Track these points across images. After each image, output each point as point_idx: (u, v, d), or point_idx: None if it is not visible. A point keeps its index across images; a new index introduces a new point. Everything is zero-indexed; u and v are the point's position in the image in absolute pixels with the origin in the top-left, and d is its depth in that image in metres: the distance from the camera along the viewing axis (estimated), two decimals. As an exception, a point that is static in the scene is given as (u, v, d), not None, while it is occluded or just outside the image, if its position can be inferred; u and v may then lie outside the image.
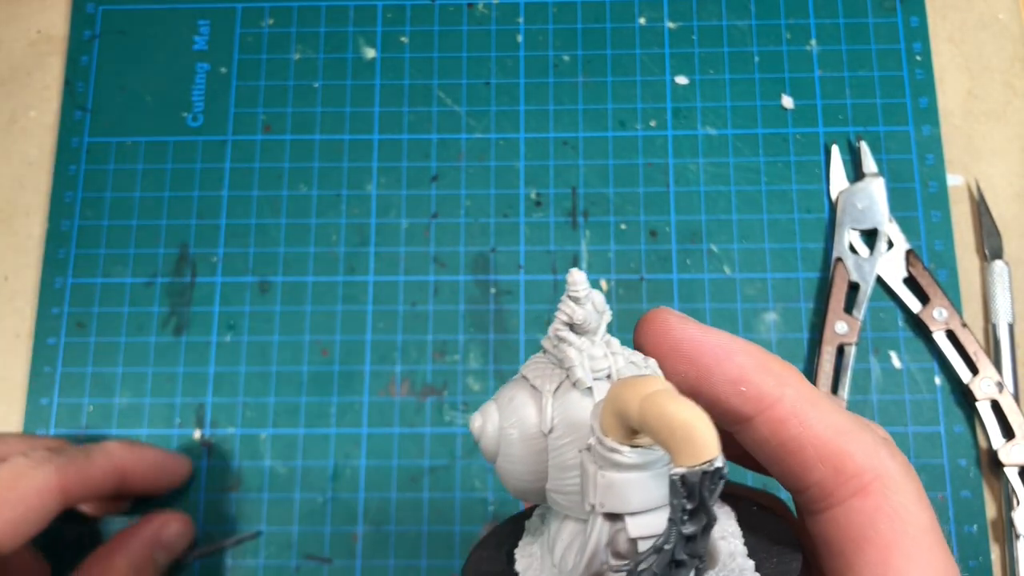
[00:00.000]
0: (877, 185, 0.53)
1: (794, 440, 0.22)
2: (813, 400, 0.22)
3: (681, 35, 0.57)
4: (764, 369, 0.22)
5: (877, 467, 0.21)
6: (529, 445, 0.23)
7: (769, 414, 0.22)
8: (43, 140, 0.57)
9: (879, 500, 0.21)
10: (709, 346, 0.23)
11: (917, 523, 0.21)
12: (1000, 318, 0.51)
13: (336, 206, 0.55)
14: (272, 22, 0.59)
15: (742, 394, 0.22)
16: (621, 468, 0.21)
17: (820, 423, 0.22)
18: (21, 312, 0.54)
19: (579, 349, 0.23)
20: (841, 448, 0.22)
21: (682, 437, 0.18)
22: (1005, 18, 0.57)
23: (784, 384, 0.22)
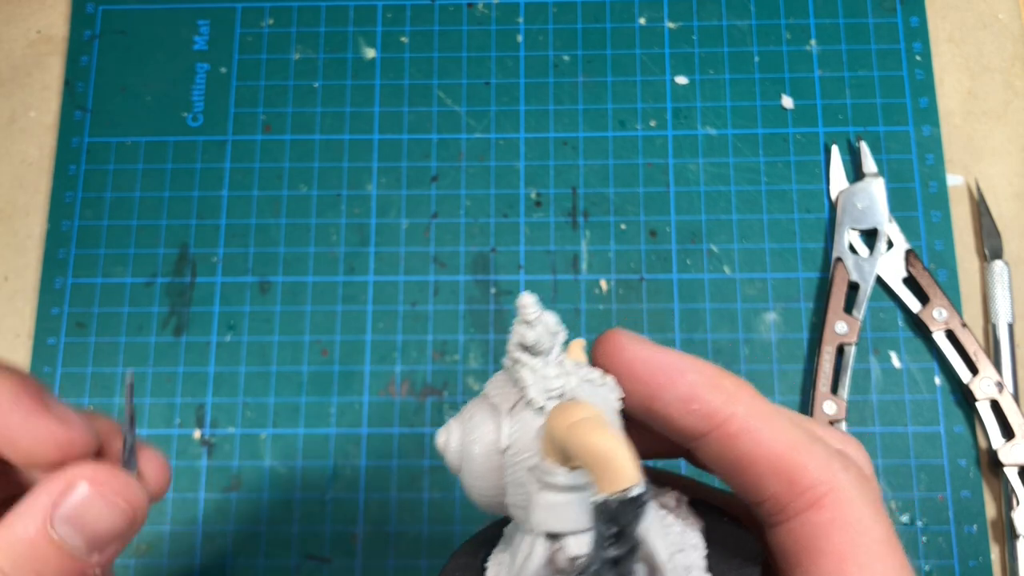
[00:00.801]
0: (877, 185, 0.53)
1: (747, 456, 0.22)
2: (765, 416, 0.22)
3: (681, 35, 0.57)
4: (715, 387, 0.23)
5: (830, 480, 0.22)
6: (488, 461, 0.24)
7: (721, 431, 0.22)
8: (43, 140, 0.57)
9: (832, 513, 0.21)
10: (660, 365, 0.23)
11: (871, 534, 0.21)
12: (1000, 318, 0.51)
13: (336, 206, 0.55)
14: (272, 22, 0.59)
15: (694, 412, 0.23)
16: (559, 489, 0.21)
17: (772, 438, 0.22)
18: (21, 312, 0.54)
19: (533, 370, 0.23)
20: (794, 462, 0.22)
21: (602, 465, 0.19)
22: (1005, 18, 0.58)
23: (735, 401, 0.23)
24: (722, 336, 0.52)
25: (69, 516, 0.24)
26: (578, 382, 0.23)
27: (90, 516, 0.24)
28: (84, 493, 0.24)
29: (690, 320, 0.52)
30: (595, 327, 0.52)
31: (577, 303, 0.53)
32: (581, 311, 0.53)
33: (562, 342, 0.24)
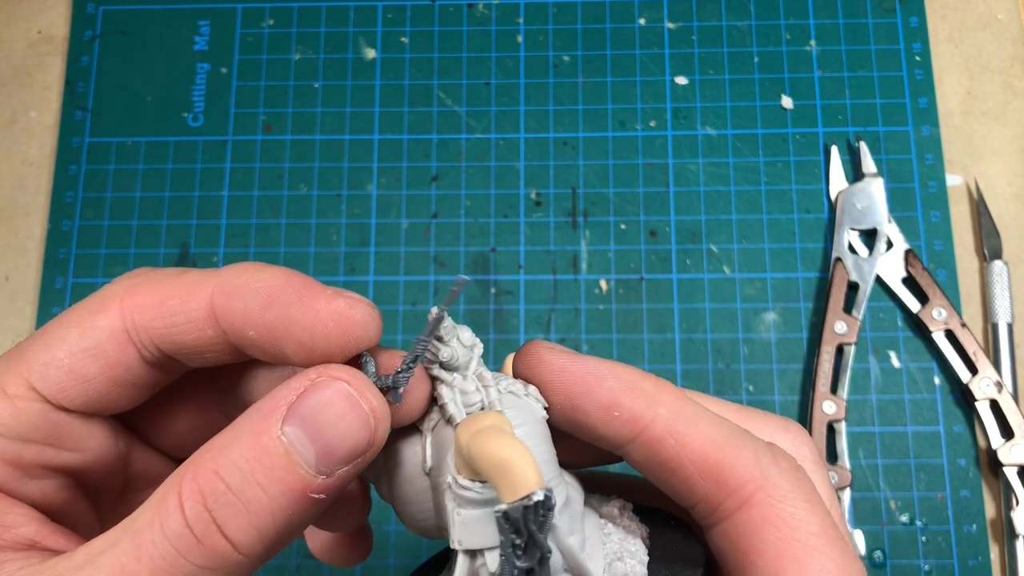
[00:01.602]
0: (876, 185, 0.53)
1: (673, 459, 0.22)
2: (689, 416, 0.22)
3: (681, 35, 0.58)
4: (635, 391, 0.22)
5: (758, 477, 0.21)
6: (415, 485, 0.23)
7: (645, 435, 0.22)
8: (44, 140, 0.57)
9: (764, 510, 0.21)
10: (579, 375, 0.23)
11: (806, 528, 0.21)
12: (999, 318, 0.51)
13: (336, 206, 0.55)
14: (272, 23, 0.59)
15: (616, 419, 0.22)
16: (473, 504, 0.21)
17: (697, 439, 0.22)
18: (22, 312, 0.54)
19: (450, 386, 0.23)
20: (720, 462, 0.21)
21: (501, 473, 0.19)
22: (1004, 18, 0.58)
23: (657, 404, 0.22)
24: (722, 336, 0.52)
25: (304, 416, 0.20)
26: (498, 394, 0.23)
27: (327, 423, 0.20)
28: (329, 395, 0.20)
29: (690, 320, 0.52)
30: (595, 327, 0.52)
31: (577, 303, 0.53)
32: (581, 311, 0.53)
33: (479, 355, 0.24)
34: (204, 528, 0.19)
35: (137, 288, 0.23)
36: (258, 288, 0.22)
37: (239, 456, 0.20)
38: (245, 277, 0.22)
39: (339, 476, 0.20)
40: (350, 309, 0.21)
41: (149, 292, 0.23)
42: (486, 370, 0.24)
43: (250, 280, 0.22)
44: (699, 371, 0.52)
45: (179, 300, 0.22)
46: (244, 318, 0.22)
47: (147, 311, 0.22)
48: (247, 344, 0.22)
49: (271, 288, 0.22)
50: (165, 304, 0.22)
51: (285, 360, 0.22)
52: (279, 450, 0.20)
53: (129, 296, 0.22)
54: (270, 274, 0.22)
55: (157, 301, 0.22)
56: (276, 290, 0.22)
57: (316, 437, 0.20)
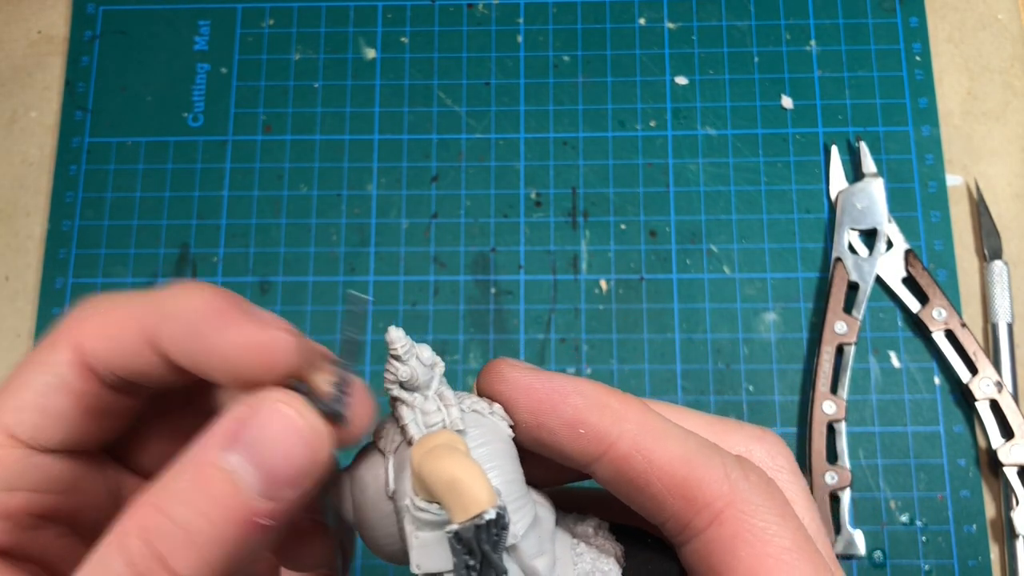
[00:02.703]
0: (876, 185, 0.53)
1: (640, 476, 0.21)
2: (656, 432, 0.21)
3: (681, 35, 0.58)
4: (600, 407, 0.22)
5: (728, 493, 0.21)
6: (378, 509, 0.22)
7: (612, 452, 0.21)
8: (44, 140, 0.57)
9: (735, 527, 0.20)
10: (544, 392, 0.22)
11: (778, 543, 0.20)
12: (999, 318, 0.51)
13: (336, 206, 0.55)
14: (272, 22, 0.59)
15: (581, 436, 0.22)
16: (431, 527, 0.20)
17: (664, 455, 0.21)
18: (22, 312, 0.54)
19: (411, 406, 0.22)
20: (688, 478, 0.21)
21: (451, 492, 0.18)
22: (1004, 18, 0.58)
23: (623, 420, 0.22)
24: (722, 336, 0.52)
25: (245, 441, 0.20)
26: (460, 413, 0.22)
27: (268, 446, 0.20)
28: (266, 418, 0.20)
29: (690, 320, 0.52)
30: (595, 327, 0.52)
31: (577, 303, 0.53)
32: (581, 311, 0.53)
33: (440, 373, 0.23)
34: (148, 564, 0.19)
35: (86, 318, 0.22)
36: (181, 315, 0.21)
37: (181, 489, 0.19)
38: (173, 303, 0.22)
39: (285, 500, 0.20)
40: (260, 334, 0.21)
41: (96, 321, 0.22)
42: (448, 389, 0.23)
43: (176, 306, 0.21)
44: (699, 371, 0.52)
45: (119, 327, 0.22)
46: (173, 346, 0.21)
47: (96, 340, 0.22)
48: (188, 369, 0.22)
49: (192, 315, 0.21)
50: (109, 332, 0.22)
51: (222, 384, 0.22)
52: (221, 477, 0.19)
53: (78, 327, 0.22)
54: (195, 299, 0.21)
55: (103, 330, 0.22)
56: (196, 317, 0.21)
57: (258, 462, 0.20)
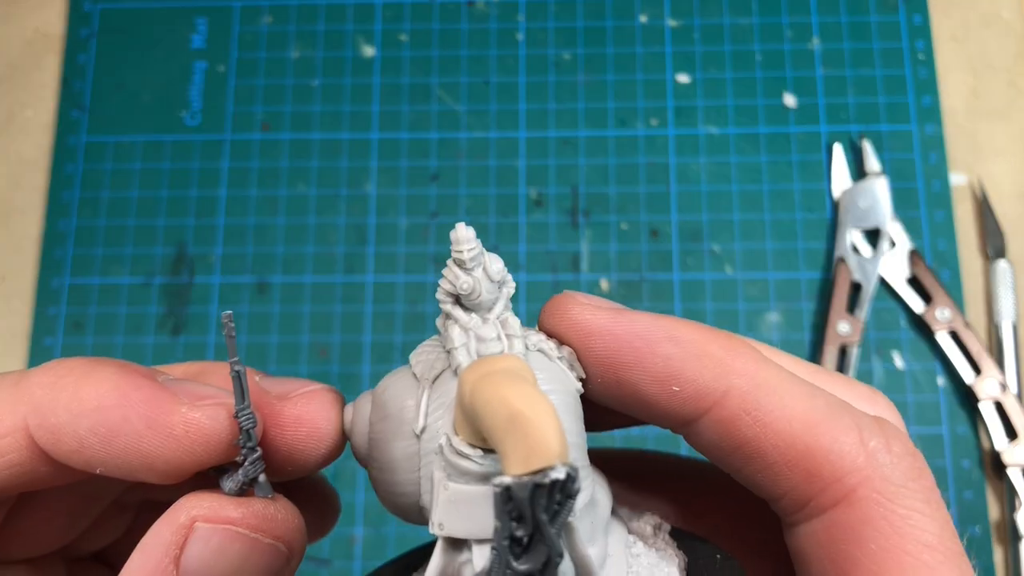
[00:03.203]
0: (880, 184, 0.53)
1: (750, 443, 0.17)
2: (772, 388, 0.17)
3: (682, 33, 0.57)
4: (700, 358, 0.17)
5: (864, 467, 0.16)
6: (398, 448, 0.18)
7: (714, 414, 0.17)
8: (40, 139, 0.57)
9: (868, 510, 0.16)
10: (625, 339, 0.18)
11: (919, 537, 0.16)
12: (1003, 318, 0.51)
13: (335, 205, 0.55)
14: (270, 20, 0.58)
15: (675, 395, 0.17)
16: (469, 478, 0.16)
17: (782, 417, 0.17)
18: (18, 312, 0.54)
19: (465, 328, 0.18)
20: (813, 447, 0.17)
21: (511, 433, 0.14)
22: (1008, 16, 0.57)
23: (729, 373, 0.17)
24: (723, 336, 0.52)
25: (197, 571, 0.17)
26: (525, 350, 0.18)
27: (223, 566, 0.17)
28: (218, 543, 0.17)
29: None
30: (596, 327, 0.52)
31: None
32: (581, 311, 0.52)
33: (509, 296, 0.19)
34: None
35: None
36: (88, 418, 0.17)
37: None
38: (65, 399, 0.17)
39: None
40: (211, 422, 0.18)
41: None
42: (514, 316, 0.19)
43: (73, 405, 0.17)
44: (701, 372, 0.51)
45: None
46: (81, 457, 0.17)
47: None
48: (82, 470, 0.18)
49: (105, 415, 0.17)
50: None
51: (128, 479, 0.18)
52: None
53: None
54: (97, 390, 0.17)
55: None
56: (113, 417, 0.17)
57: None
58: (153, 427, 0.17)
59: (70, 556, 0.21)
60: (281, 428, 0.19)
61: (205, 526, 0.17)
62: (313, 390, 0.20)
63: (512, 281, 0.19)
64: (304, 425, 0.19)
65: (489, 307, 0.18)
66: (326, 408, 0.19)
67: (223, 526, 0.17)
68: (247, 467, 0.18)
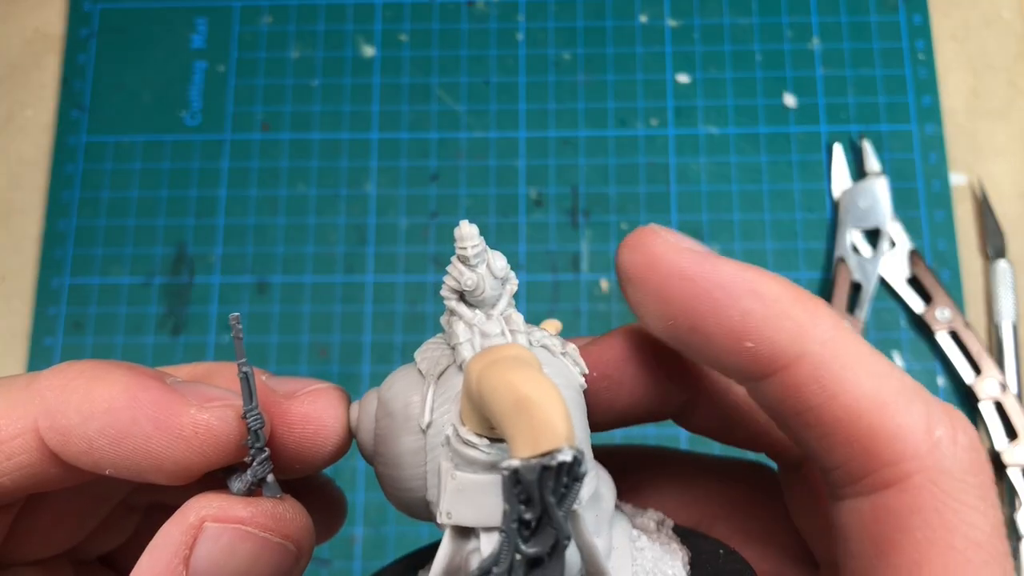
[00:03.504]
0: (880, 184, 0.53)
1: (814, 411, 0.17)
2: (847, 360, 0.17)
3: (682, 33, 0.57)
4: (779, 319, 0.17)
5: (926, 456, 0.16)
6: (404, 443, 0.18)
7: (783, 377, 0.17)
8: (40, 139, 0.57)
9: (921, 498, 0.16)
10: (705, 287, 0.17)
11: (968, 533, 0.16)
12: (1003, 318, 0.51)
13: (335, 205, 0.55)
14: (270, 20, 0.58)
15: (748, 351, 0.17)
16: (476, 467, 0.16)
17: (853, 392, 0.16)
18: (18, 312, 0.54)
19: (469, 324, 0.18)
20: (877, 427, 0.16)
21: (519, 417, 0.14)
22: (1008, 16, 0.57)
23: (806, 339, 0.17)
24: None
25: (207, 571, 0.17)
26: (529, 346, 0.18)
27: (233, 566, 0.17)
28: (227, 543, 0.17)
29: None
30: (595, 327, 0.52)
31: (577, 303, 0.52)
32: (581, 311, 0.52)
33: (512, 292, 0.19)
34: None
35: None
36: (98, 420, 0.17)
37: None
38: (76, 402, 0.17)
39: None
40: (219, 423, 0.18)
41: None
42: (517, 312, 0.19)
43: (84, 407, 0.17)
44: (701, 372, 0.51)
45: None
46: (91, 459, 0.17)
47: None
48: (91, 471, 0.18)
49: (115, 417, 0.17)
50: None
51: (139, 481, 0.18)
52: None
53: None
54: (107, 392, 0.17)
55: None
56: (122, 418, 0.17)
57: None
58: (162, 428, 0.17)
59: (77, 559, 0.21)
60: (289, 426, 0.19)
61: (214, 526, 0.17)
62: (319, 388, 0.20)
63: (515, 278, 0.19)
64: (311, 423, 0.19)
65: (493, 303, 0.19)
66: (332, 405, 0.20)
67: (233, 525, 0.17)
68: (255, 467, 0.18)
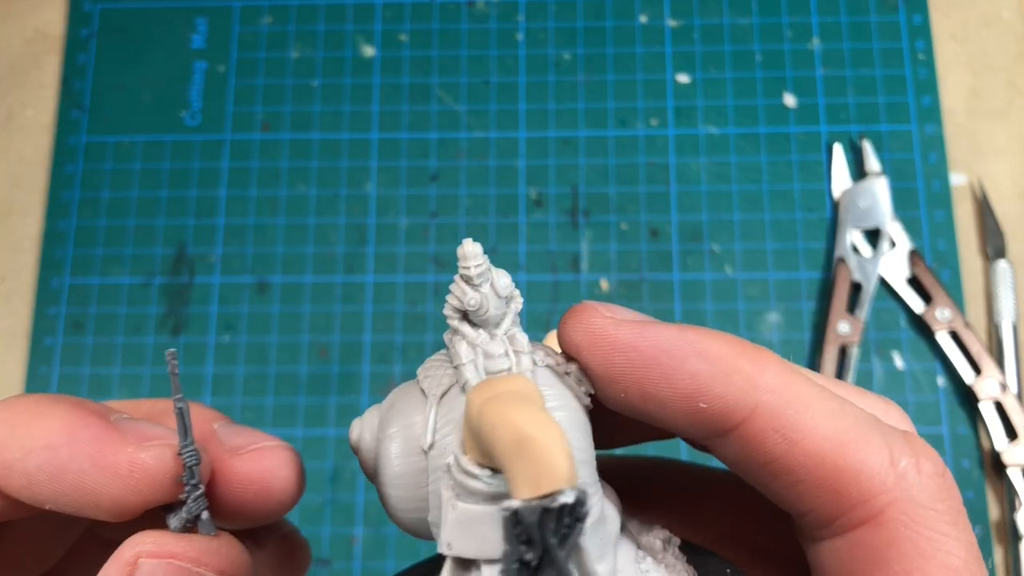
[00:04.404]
0: (880, 184, 0.53)
1: (778, 460, 0.17)
2: (801, 404, 0.17)
3: (682, 33, 0.57)
4: (727, 374, 0.17)
5: (893, 488, 0.16)
6: (408, 463, 0.18)
7: (742, 431, 0.17)
8: (40, 139, 0.57)
9: (895, 532, 0.16)
10: (651, 354, 0.17)
11: (944, 560, 0.16)
12: (1003, 318, 0.51)
13: (335, 205, 0.55)
14: (270, 20, 0.58)
15: (702, 411, 0.17)
16: (478, 498, 0.16)
17: (811, 435, 0.17)
18: (18, 312, 0.54)
19: (472, 344, 0.18)
20: (841, 466, 0.17)
21: (519, 457, 0.14)
22: (1008, 16, 0.57)
23: (757, 389, 0.17)
24: (723, 336, 0.52)
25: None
26: (532, 366, 0.18)
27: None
28: (152, 573, 0.17)
29: (691, 321, 0.52)
30: (596, 327, 0.52)
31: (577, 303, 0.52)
32: (581, 311, 0.52)
33: (517, 311, 0.19)
34: None
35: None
36: (37, 456, 0.18)
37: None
38: (19, 437, 0.18)
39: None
40: (155, 462, 0.18)
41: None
42: (521, 332, 0.19)
43: (24, 443, 0.18)
44: (701, 372, 0.51)
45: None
46: (31, 493, 0.18)
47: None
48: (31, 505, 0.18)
49: (54, 453, 0.18)
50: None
51: (78, 515, 0.19)
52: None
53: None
54: (48, 428, 0.18)
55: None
56: (61, 455, 0.18)
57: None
58: (99, 466, 0.18)
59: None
60: (229, 484, 0.20)
61: (149, 561, 0.17)
62: (267, 447, 0.20)
63: (520, 296, 0.19)
64: (254, 483, 0.20)
65: (497, 323, 0.18)
66: (277, 467, 0.20)
67: (166, 560, 0.17)
68: (190, 504, 0.19)
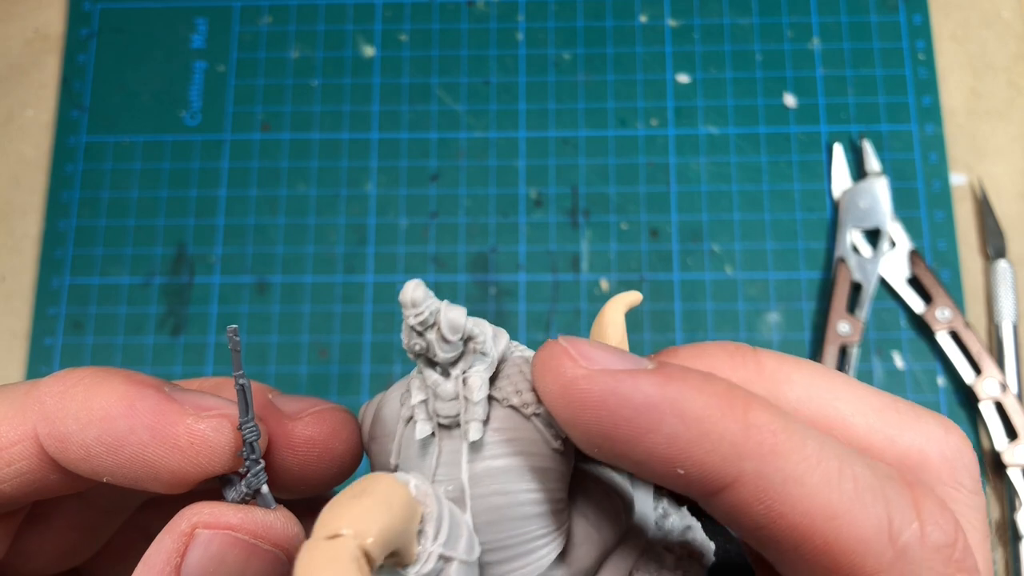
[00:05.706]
0: (880, 184, 0.53)
1: (763, 530, 0.16)
2: (791, 471, 0.15)
3: (682, 33, 0.57)
4: (707, 439, 0.15)
5: (890, 565, 0.15)
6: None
7: (724, 498, 0.16)
8: (40, 139, 0.57)
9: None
10: (623, 415, 0.15)
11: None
12: (1004, 318, 0.51)
13: (335, 206, 0.55)
14: (270, 20, 0.58)
15: (680, 476, 0.16)
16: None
17: (799, 508, 0.15)
18: (18, 312, 0.54)
19: (424, 383, 0.18)
20: (832, 542, 0.15)
21: None
22: (1008, 16, 0.57)
23: (741, 457, 0.15)
24: (724, 336, 0.52)
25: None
26: (484, 410, 0.17)
27: (223, 572, 0.17)
28: (217, 550, 0.17)
29: (691, 321, 0.52)
30: (596, 327, 0.52)
31: (577, 303, 0.52)
32: (582, 311, 0.52)
33: (480, 350, 0.18)
34: None
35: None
36: (96, 427, 0.18)
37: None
38: (74, 409, 0.18)
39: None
40: (214, 433, 0.18)
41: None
42: (478, 375, 0.18)
43: (81, 415, 0.18)
44: (701, 372, 0.51)
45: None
46: (88, 466, 0.18)
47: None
48: (90, 479, 0.18)
49: (112, 425, 0.17)
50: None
51: (136, 489, 0.19)
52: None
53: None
54: (105, 400, 0.18)
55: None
56: (119, 426, 0.17)
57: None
58: (158, 437, 0.18)
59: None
60: (292, 448, 0.19)
61: (205, 532, 0.17)
62: (324, 409, 0.20)
63: (483, 334, 0.18)
64: (316, 446, 0.20)
65: (449, 364, 0.18)
66: (338, 428, 0.20)
67: (223, 531, 0.17)
68: (250, 478, 0.18)
